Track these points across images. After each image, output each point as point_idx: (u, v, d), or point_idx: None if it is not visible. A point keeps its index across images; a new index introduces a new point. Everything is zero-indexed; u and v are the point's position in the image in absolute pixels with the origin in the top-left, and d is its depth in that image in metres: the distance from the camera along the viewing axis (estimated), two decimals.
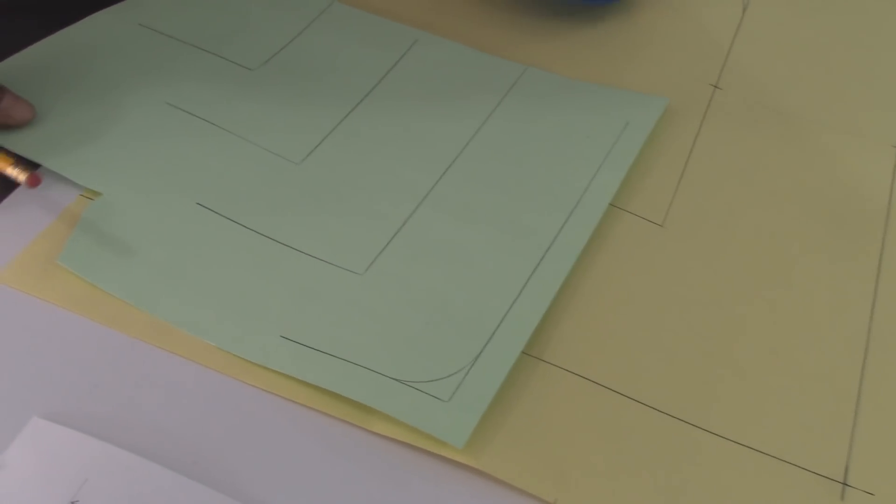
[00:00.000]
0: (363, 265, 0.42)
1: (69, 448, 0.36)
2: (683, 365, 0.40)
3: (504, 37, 0.55)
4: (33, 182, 0.42)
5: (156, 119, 0.47)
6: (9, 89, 0.45)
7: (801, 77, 0.55)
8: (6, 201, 0.44)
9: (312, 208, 0.44)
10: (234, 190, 0.44)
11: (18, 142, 0.44)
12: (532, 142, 0.49)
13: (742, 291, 0.43)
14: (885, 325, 0.42)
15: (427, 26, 0.55)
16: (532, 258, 0.43)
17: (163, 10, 0.53)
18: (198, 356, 0.39)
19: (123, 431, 0.36)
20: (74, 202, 0.44)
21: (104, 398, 0.37)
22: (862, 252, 0.46)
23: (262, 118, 0.48)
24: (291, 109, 0.48)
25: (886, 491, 0.37)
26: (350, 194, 0.45)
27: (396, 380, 0.38)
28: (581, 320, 0.41)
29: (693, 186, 0.48)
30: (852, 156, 0.50)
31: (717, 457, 0.38)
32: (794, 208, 0.47)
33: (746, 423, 0.39)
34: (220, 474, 0.35)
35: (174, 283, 0.40)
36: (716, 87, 0.54)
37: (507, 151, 0.48)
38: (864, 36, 0.58)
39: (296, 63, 0.51)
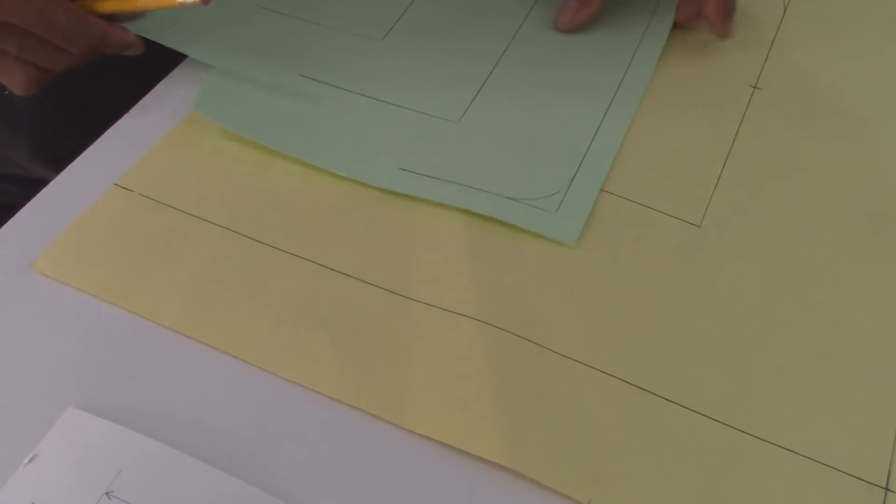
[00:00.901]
0: (458, 113, 0.49)
1: (104, 439, 0.36)
2: (722, 367, 0.40)
3: None
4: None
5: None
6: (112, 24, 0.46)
7: (842, 77, 0.54)
8: (39, 195, 0.44)
9: (404, 72, 0.51)
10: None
11: None
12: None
13: (783, 293, 0.43)
14: None
15: None
16: (602, 103, 0.50)
17: None
18: (233, 348, 0.39)
19: (158, 423, 0.36)
20: (107, 192, 0.44)
21: (139, 389, 0.37)
22: None
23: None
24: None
25: None
26: (434, 64, 0.52)
27: (510, 198, 0.44)
28: (619, 322, 0.41)
29: (731, 187, 0.47)
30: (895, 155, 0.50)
31: (757, 459, 0.37)
32: (836, 209, 0.46)
33: (787, 425, 0.38)
34: (254, 468, 0.35)
35: (304, 128, 0.47)
36: (755, 87, 0.53)
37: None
38: None
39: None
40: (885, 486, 0.36)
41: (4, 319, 0.39)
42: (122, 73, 0.49)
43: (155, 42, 0.49)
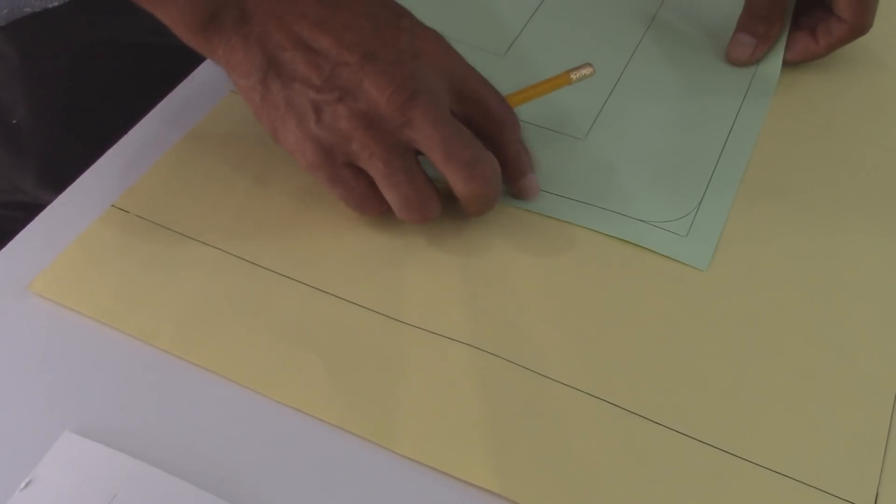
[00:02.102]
0: (584, 130, 0.50)
1: (100, 463, 0.36)
2: (712, 389, 0.40)
3: None
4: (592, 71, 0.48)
5: None
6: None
7: (852, 94, 0.54)
8: (38, 218, 0.45)
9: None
10: None
11: None
12: (713, 17, 0.57)
13: (774, 315, 0.43)
14: None
15: None
16: (731, 109, 0.51)
17: None
18: (227, 371, 0.39)
19: (153, 447, 0.37)
20: (104, 214, 0.44)
21: (135, 413, 0.38)
22: None
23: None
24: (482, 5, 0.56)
25: None
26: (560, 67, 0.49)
27: (643, 220, 0.45)
28: (607, 346, 0.41)
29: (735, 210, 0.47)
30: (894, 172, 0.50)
31: (746, 482, 0.37)
32: (831, 230, 0.47)
33: (775, 448, 0.38)
34: (247, 492, 0.36)
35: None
36: None
37: (696, 16, 0.57)
38: None
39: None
40: None
41: (1, 342, 0.40)
42: (131, 98, 0.49)
43: (161, 60, 0.49)
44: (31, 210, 0.44)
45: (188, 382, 0.39)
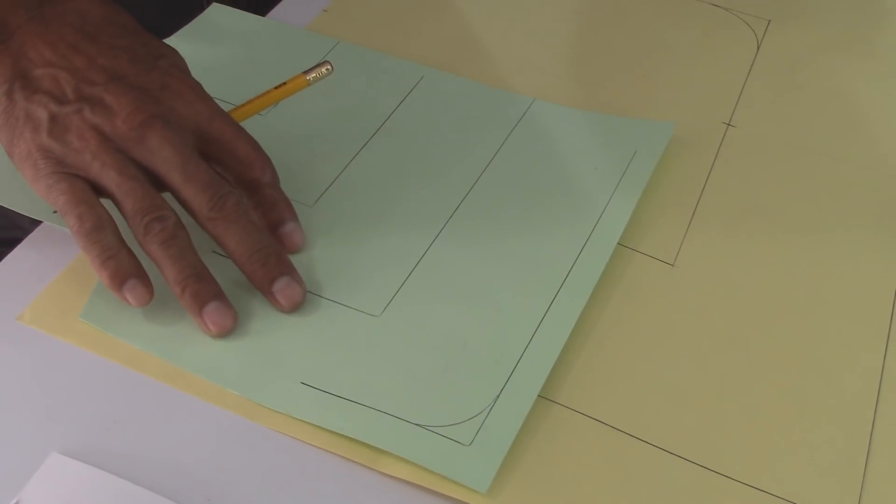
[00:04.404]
0: (380, 307, 0.43)
1: (86, 484, 0.36)
2: (695, 406, 0.40)
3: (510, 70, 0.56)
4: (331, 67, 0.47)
5: None
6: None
7: (814, 113, 0.55)
8: (24, 242, 0.45)
9: (325, 250, 0.45)
10: None
11: None
12: (542, 174, 0.49)
13: (754, 332, 0.43)
14: None
15: (432, 63, 0.56)
16: (546, 295, 0.43)
17: None
18: (213, 398, 0.39)
19: (139, 468, 0.37)
20: None
21: (121, 435, 0.38)
22: (878, 291, 0.46)
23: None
24: (299, 152, 0.49)
25: None
26: (362, 235, 0.45)
27: (418, 425, 0.38)
28: (592, 362, 0.42)
29: (704, 226, 0.48)
30: (869, 190, 0.51)
31: (729, 499, 0.38)
32: (808, 248, 0.47)
33: (758, 465, 0.39)
34: None
35: (193, 332, 0.41)
36: (728, 124, 0.54)
37: (517, 186, 0.49)
38: (879, 71, 0.58)
39: (302, 105, 0.51)
40: None
41: None
42: None
43: None
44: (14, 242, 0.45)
45: (173, 404, 0.39)
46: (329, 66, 0.47)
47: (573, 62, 0.58)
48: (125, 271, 0.40)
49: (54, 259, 0.44)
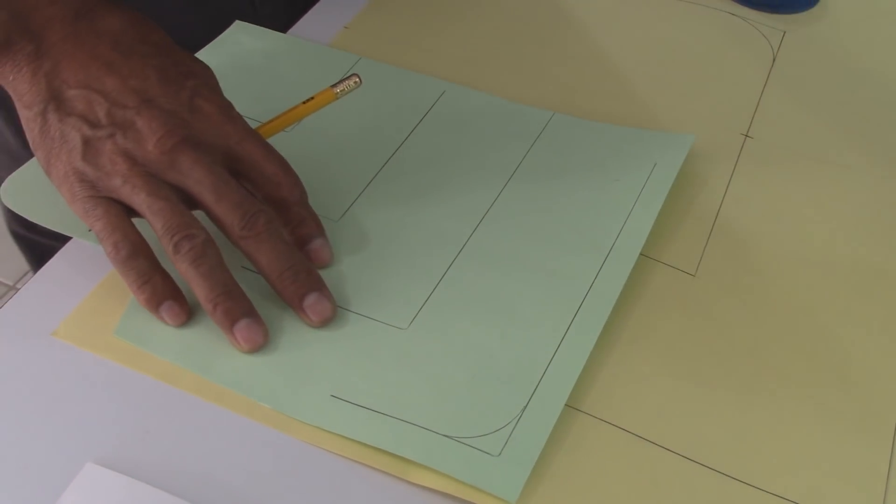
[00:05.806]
0: (406, 319, 0.43)
1: (121, 493, 0.37)
2: (718, 415, 0.41)
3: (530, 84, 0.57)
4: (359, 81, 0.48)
5: None
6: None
7: (833, 124, 0.55)
8: (58, 255, 0.46)
9: (352, 265, 0.45)
10: None
11: None
12: (563, 188, 0.50)
13: (776, 341, 0.44)
14: None
15: (453, 78, 0.57)
16: (570, 307, 0.44)
17: None
18: (244, 411, 0.40)
19: (172, 477, 0.38)
20: None
21: (155, 445, 0.39)
22: None
23: None
24: (324, 168, 0.50)
25: None
26: (387, 249, 0.46)
27: (447, 436, 0.39)
28: (616, 371, 0.42)
29: (725, 236, 0.49)
30: (888, 200, 0.51)
31: None
32: (830, 257, 0.48)
33: (783, 474, 0.39)
34: None
35: (225, 347, 0.42)
36: (747, 136, 0.55)
37: (538, 199, 0.49)
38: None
39: (326, 121, 0.52)
40: None
41: (26, 380, 0.41)
42: None
43: None
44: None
45: (206, 415, 0.40)
46: (357, 79, 0.48)
47: (592, 75, 0.58)
48: (160, 294, 0.42)
49: (87, 273, 0.45)
